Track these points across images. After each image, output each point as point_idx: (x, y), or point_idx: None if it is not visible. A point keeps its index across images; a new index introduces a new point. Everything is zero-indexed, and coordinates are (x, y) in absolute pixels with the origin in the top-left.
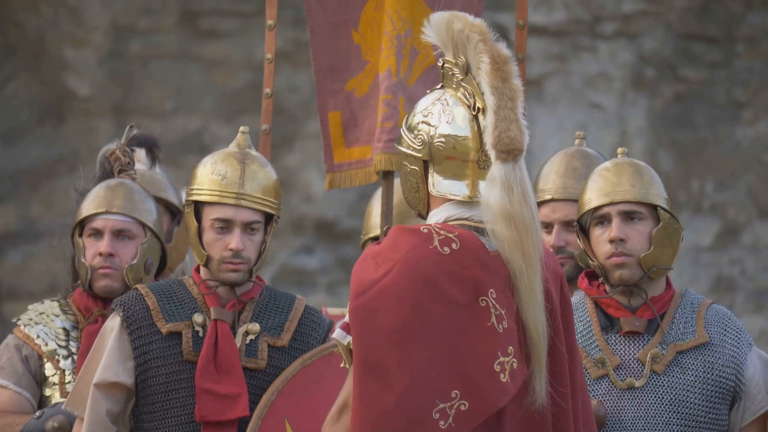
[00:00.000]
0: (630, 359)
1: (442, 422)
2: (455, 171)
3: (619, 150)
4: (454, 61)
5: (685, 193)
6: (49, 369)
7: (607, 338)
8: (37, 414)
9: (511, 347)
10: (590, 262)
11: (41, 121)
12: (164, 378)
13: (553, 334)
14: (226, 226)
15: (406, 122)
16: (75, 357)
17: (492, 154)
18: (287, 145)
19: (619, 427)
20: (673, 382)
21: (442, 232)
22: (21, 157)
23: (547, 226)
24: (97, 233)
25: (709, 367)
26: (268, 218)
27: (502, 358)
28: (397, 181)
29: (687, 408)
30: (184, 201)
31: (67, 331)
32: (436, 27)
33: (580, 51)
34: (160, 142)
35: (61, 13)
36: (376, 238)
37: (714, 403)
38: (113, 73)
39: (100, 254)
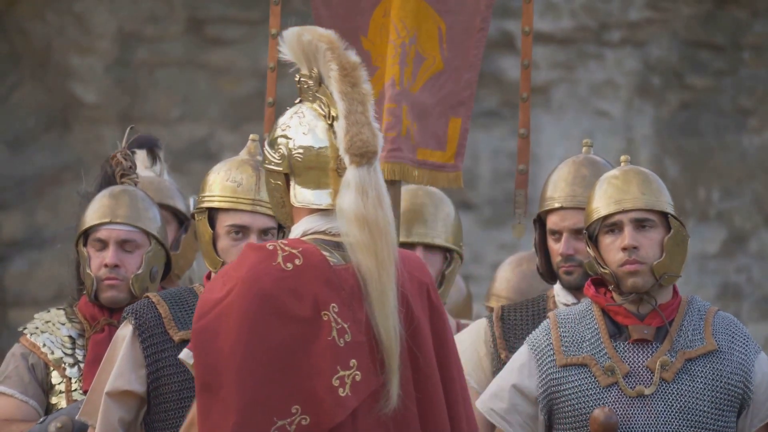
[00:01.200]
0: (639, 367)
1: None
2: (316, 181)
3: (623, 158)
4: (308, 73)
5: (692, 201)
6: (55, 377)
7: (616, 346)
8: (40, 420)
9: (354, 360)
10: (600, 270)
11: (47, 129)
12: (176, 386)
13: (410, 340)
14: (242, 232)
15: (268, 140)
16: (81, 365)
17: (345, 158)
18: None
19: None
20: (682, 389)
21: (287, 248)
22: (27, 165)
23: (555, 234)
24: (102, 243)
25: (717, 374)
26: (281, 225)
27: (341, 372)
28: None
29: (696, 415)
30: (193, 208)
31: (73, 339)
32: (287, 42)
33: (586, 59)
34: (166, 148)
35: (67, 21)
36: None
37: (722, 410)
38: (119, 80)
39: (106, 265)
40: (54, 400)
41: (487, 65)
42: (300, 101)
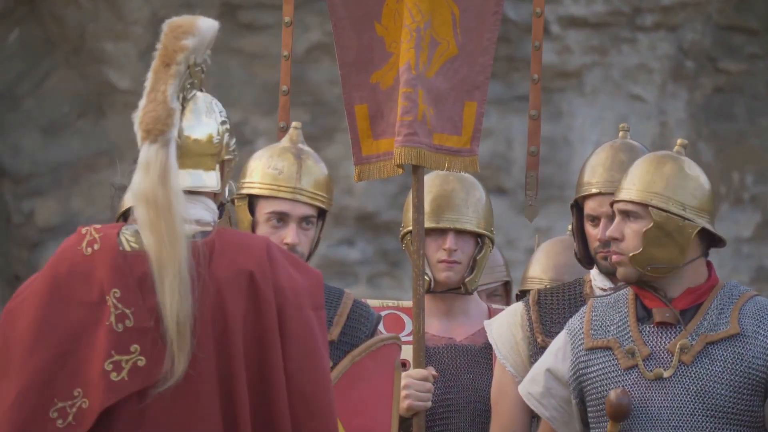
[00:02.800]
0: (660, 350)
1: (60, 421)
2: (188, 163)
3: (679, 142)
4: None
5: (726, 185)
6: None
7: (642, 329)
8: None
9: (136, 346)
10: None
11: (82, 115)
12: None
13: (215, 326)
14: (282, 219)
15: None
16: None
17: (138, 135)
18: (328, 137)
19: (644, 417)
20: (700, 372)
21: (93, 233)
22: (62, 151)
23: (594, 219)
24: None
25: (738, 358)
26: (320, 213)
27: (117, 357)
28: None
29: (713, 399)
30: (232, 194)
31: None
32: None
33: (620, 43)
34: None
35: (101, 7)
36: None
37: (743, 394)
38: None
39: None
40: None
41: (520, 50)
42: (201, 90)
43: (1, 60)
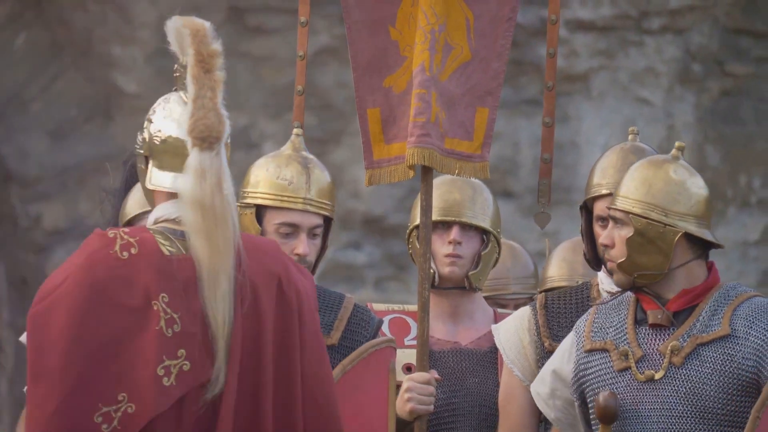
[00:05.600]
0: (653, 351)
1: (105, 426)
2: (171, 165)
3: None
4: (182, 63)
5: (733, 189)
6: None
7: (638, 331)
8: None
9: (182, 350)
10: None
11: (89, 119)
12: None
13: (252, 330)
14: (292, 231)
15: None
16: None
17: (188, 141)
18: (335, 140)
19: (635, 419)
20: (690, 374)
21: (125, 236)
22: (69, 154)
23: (603, 221)
24: None
25: (728, 359)
26: (325, 220)
27: (167, 362)
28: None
29: (703, 400)
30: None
31: None
32: (168, 31)
33: (627, 46)
34: None
35: (108, 11)
36: (418, 227)
37: (732, 395)
38: (161, 70)
39: None
40: None
41: (527, 53)
42: (175, 89)
43: (8, 64)
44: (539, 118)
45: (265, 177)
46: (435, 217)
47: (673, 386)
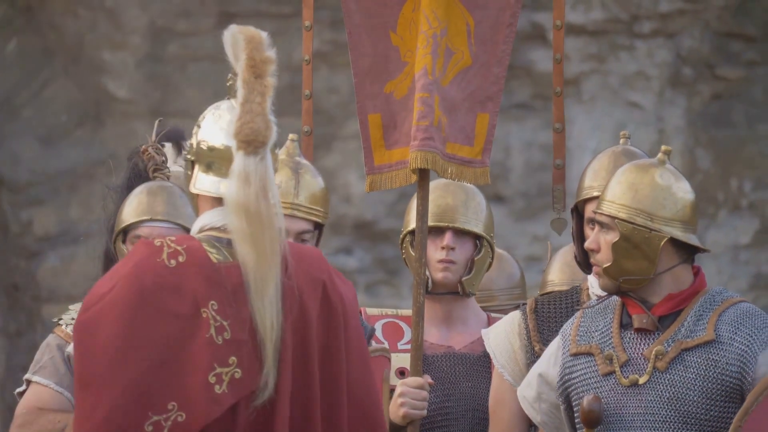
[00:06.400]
0: (638, 356)
1: None
2: (217, 170)
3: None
4: (235, 71)
5: (724, 192)
6: None
7: (623, 335)
8: None
9: (233, 358)
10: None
11: (80, 124)
12: None
13: (297, 335)
14: None
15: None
16: None
17: (234, 145)
18: (326, 146)
19: (619, 424)
20: (674, 379)
21: (172, 245)
22: (60, 160)
23: (593, 223)
24: None
25: (712, 364)
26: (317, 226)
27: (218, 369)
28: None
29: (686, 406)
30: None
31: None
32: (225, 41)
33: (617, 50)
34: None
35: (99, 16)
36: (413, 232)
37: (715, 401)
38: (151, 75)
39: None
40: None
41: (519, 58)
42: (228, 98)
43: None
44: (530, 122)
45: None
46: (428, 222)
47: (657, 391)
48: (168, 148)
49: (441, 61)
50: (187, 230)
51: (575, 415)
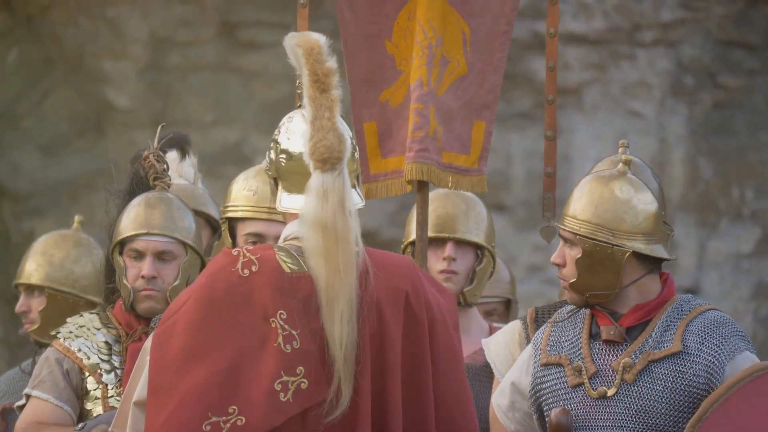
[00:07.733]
0: (606, 368)
1: None
2: (297, 185)
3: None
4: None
5: (725, 201)
6: (91, 383)
7: (593, 346)
8: (79, 426)
9: (301, 368)
10: None
11: (81, 134)
12: None
13: (376, 347)
14: (259, 241)
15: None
16: (118, 371)
17: (310, 164)
18: None
19: None
20: (641, 391)
21: (248, 254)
22: (61, 170)
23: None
24: (138, 254)
25: (679, 376)
26: None
27: (285, 378)
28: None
29: (654, 418)
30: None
31: (109, 345)
32: (286, 47)
33: (618, 59)
34: (199, 152)
35: (100, 26)
36: (414, 243)
37: (683, 412)
38: (152, 85)
39: (143, 277)
40: (89, 406)
41: (519, 67)
42: (299, 106)
43: (0, 79)
44: (531, 131)
45: (236, 190)
46: (429, 233)
47: (625, 403)
48: (172, 155)
49: (436, 71)
50: (184, 244)
51: (547, 424)
